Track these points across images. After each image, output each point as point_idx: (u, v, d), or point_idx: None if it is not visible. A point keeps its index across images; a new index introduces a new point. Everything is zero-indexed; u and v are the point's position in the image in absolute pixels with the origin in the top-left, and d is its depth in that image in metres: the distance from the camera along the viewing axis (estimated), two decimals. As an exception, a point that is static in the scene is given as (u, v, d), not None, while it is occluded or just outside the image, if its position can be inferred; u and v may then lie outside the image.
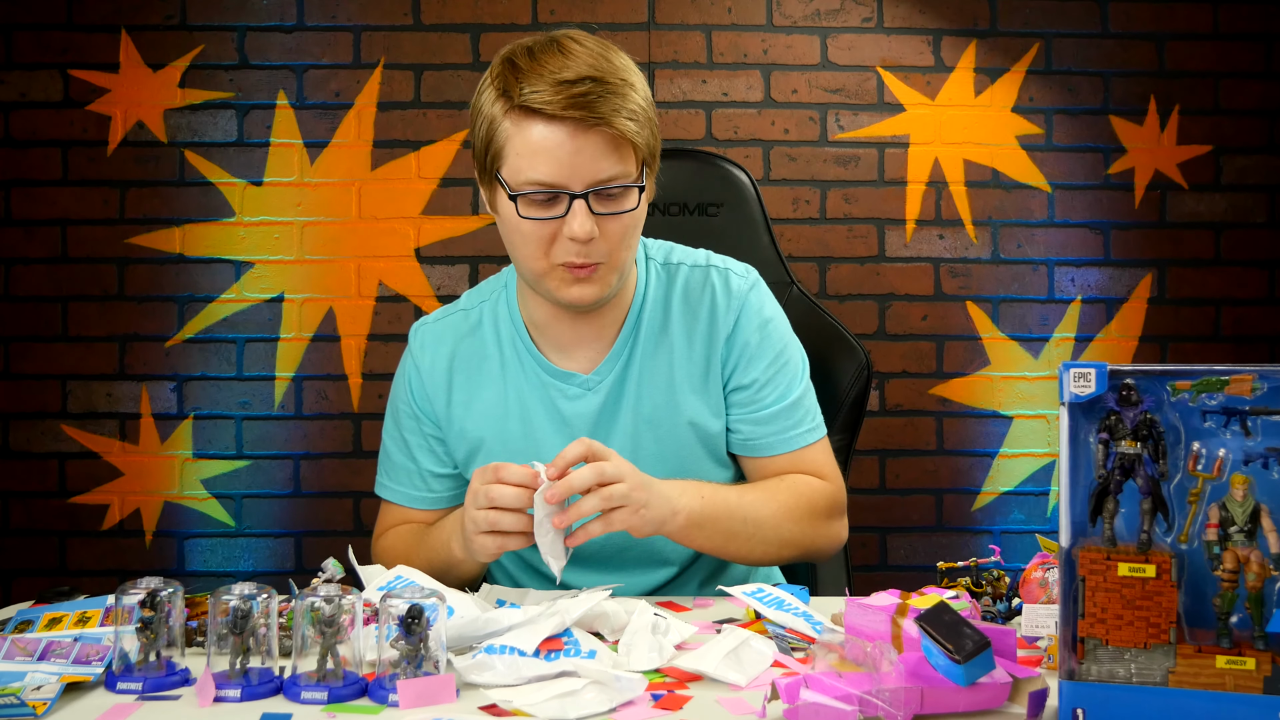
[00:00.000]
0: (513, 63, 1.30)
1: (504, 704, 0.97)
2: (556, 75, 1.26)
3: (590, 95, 1.25)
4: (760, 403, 1.45)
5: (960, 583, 1.25)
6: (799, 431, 1.46)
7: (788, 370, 1.46)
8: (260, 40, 2.68)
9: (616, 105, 1.26)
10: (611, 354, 1.44)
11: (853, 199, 2.72)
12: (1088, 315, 2.74)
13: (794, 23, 2.71)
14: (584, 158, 1.27)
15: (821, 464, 1.47)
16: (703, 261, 1.49)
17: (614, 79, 1.28)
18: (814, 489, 1.44)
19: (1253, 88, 2.73)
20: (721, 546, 1.38)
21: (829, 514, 1.46)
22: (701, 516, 1.33)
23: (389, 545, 1.49)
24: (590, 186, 1.28)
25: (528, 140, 1.27)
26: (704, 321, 1.45)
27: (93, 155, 2.67)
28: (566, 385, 1.44)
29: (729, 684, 1.03)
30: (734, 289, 1.46)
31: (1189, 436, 0.86)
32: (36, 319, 2.67)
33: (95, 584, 1.47)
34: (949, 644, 0.91)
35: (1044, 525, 2.72)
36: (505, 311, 1.48)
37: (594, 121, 1.25)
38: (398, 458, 1.50)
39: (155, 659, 1.04)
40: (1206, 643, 0.86)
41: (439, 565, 1.37)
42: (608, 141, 1.27)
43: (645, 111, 1.31)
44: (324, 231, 2.68)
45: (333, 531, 2.68)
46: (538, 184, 1.28)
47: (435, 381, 1.47)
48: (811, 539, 1.43)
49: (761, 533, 1.38)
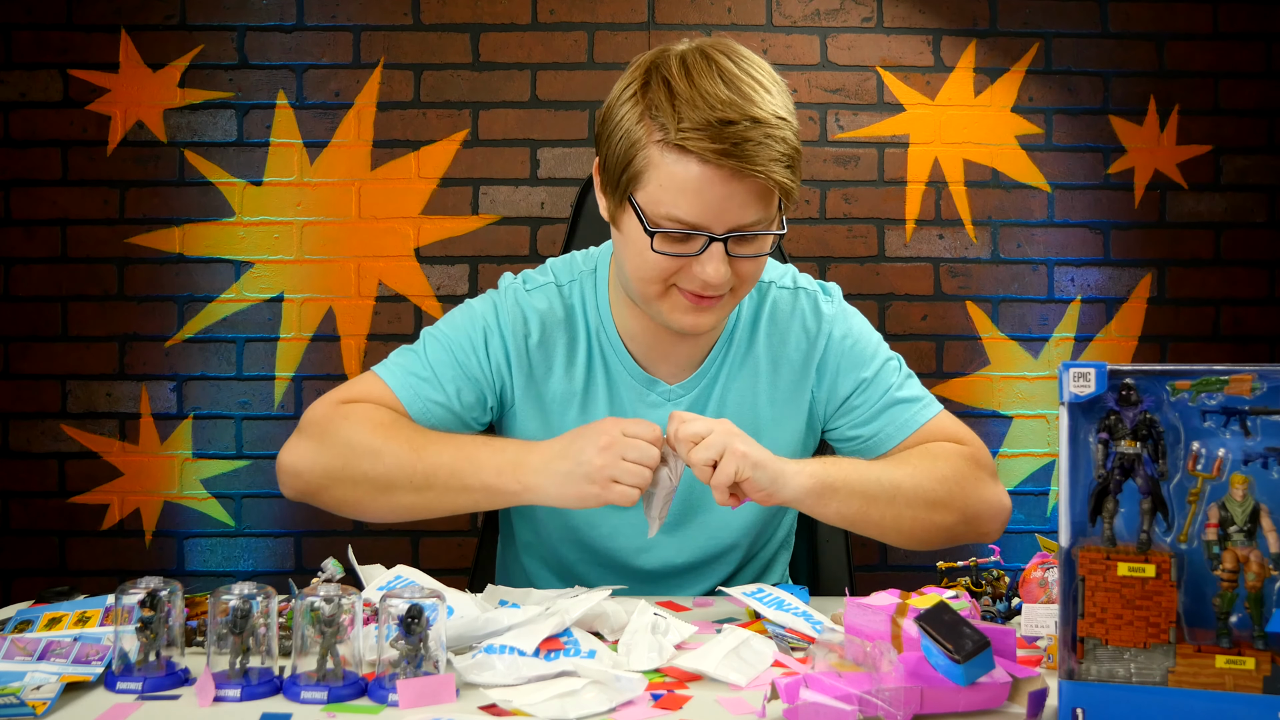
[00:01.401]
0: (667, 83, 1.21)
1: (504, 704, 0.97)
2: (714, 113, 1.17)
3: (749, 143, 1.17)
4: (860, 407, 1.43)
5: (960, 583, 1.25)
6: (912, 413, 1.42)
7: (883, 373, 1.44)
8: (260, 40, 2.68)
9: (774, 154, 1.19)
10: (700, 370, 1.43)
11: (853, 199, 2.72)
12: (1087, 315, 2.74)
13: (794, 23, 2.71)
14: (733, 204, 1.21)
15: (951, 429, 1.42)
16: (790, 284, 1.47)
17: (772, 119, 1.19)
18: (950, 449, 1.38)
19: (1253, 88, 2.73)
20: (862, 513, 1.29)
21: (977, 471, 1.37)
22: (832, 480, 1.27)
23: (371, 415, 1.32)
24: (732, 230, 1.22)
25: (674, 176, 1.20)
26: (792, 347, 1.44)
27: (93, 155, 2.67)
28: (649, 392, 1.42)
29: (729, 684, 1.03)
30: (823, 314, 1.45)
31: (1189, 436, 0.86)
32: (36, 319, 2.67)
33: (95, 584, 1.46)
34: (949, 644, 0.91)
35: (1044, 525, 2.72)
36: (594, 302, 1.43)
37: (749, 171, 1.18)
38: (422, 362, 1.39)
39: (155, 659, 1.04)
40: (1206, 642, 0.86)
41: (452, 478, 1.27)
42: (758, 189, 1.21)
43: (796, 154, 1.23)
44: (324, 231, 2.68)
45: (333, 531, 2.68)
46: (679, 222, 1.22)
47: (517, 345, 1.40)
48: (965, 498, 1.34)
49: (903, 493, 1.30)
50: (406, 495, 1.28)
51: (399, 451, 1.28)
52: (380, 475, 1.28)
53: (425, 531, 2.68)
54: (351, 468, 1.30)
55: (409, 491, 1.28)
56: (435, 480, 1.27)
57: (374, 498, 1.30)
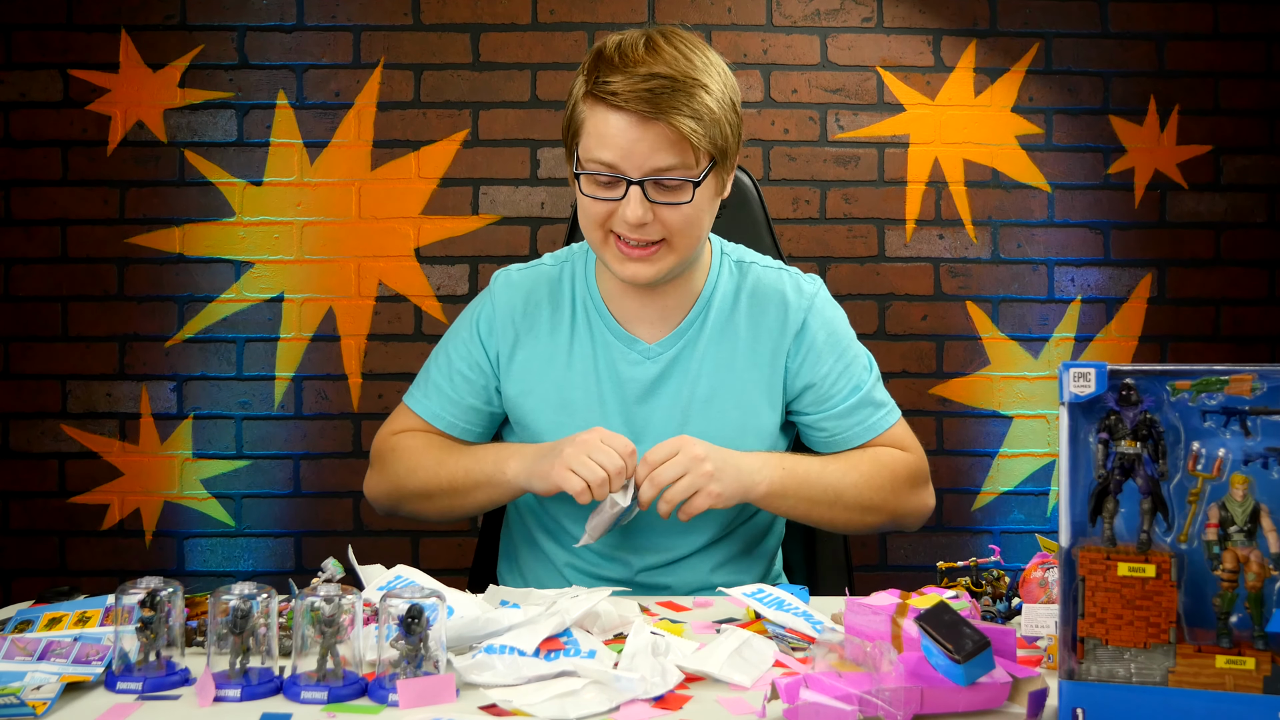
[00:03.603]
0: (602, 53, 1.40)
1: (504, 704, 0.97)
2: (630, 69, 1.35)
3: (657, 91, 1.34)
4: (835, 398, 1.54)
5: (960, 583, 1.25)
6: (877, 418, 1.55)
7: (856, 364, 1.56)
8: (260, 40, 2.68)
9: (680, 103, 1.35)
10: (677, 331, 1.53)
11: (853, 199, 2.72)
12: (1087, 315, 2.74)
13: (794, 23, 2.71)
14: (643, 147, 1.36)
15: (900, 438, 1.56)
16: (775, 265, 1.59)
17: (686, 79, 1.36)
18: (895, 458, 1.54)
19: (1253, 88, 2.73)
20: (806, 513, 1.49)
21: (911, 482, 1.55)
22: (783, 487, 1.45)
23: (407, 443, 1.56)
24: (647, 175, 1.37)
25: (597, 124, 1.38)
26: (772, 317, 1.54)
27: (93, 155, 2.67)
28: (628, 350, 1.53)
29: (731, 684, 1.03)
30: (804, 290, 1.56)
31: (1189, 436, 0.86)
32: (36, 319, 2.67)
33: (95, 584, 1.47)
34: (949, 644, 0.91)
35: (1044, 525, 2.72)
36: (583, 273, 1.57)
37: (655, 116, 1.34)
38: (438, 379, 1.58)
39: (155, 659, 1.04)
40: (1206, 642, 0.86)
41: (465, 477, 1.49)
42: (668, 135, 1.36)
43: (713, 113, 1.37)
44: (324, 231, 2.68)
45: (333, 531, 2.68)
46: (601, 164, 1.38)
47: (505, 323, 1.55)
48: (895, 505, 1.53)
49: (844, 499, 1.48)
50: (443, 499, 1.52)
51: (429, 467, 1.53)
52: (421, 488, 1.53)
53: (425, 531, 2.68)
54: (403, 488, 1.55)
55: (443, 496, 1.52)
56: (457, 484, 1.50)
57: (425, 505, 1.55)
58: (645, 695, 0.99)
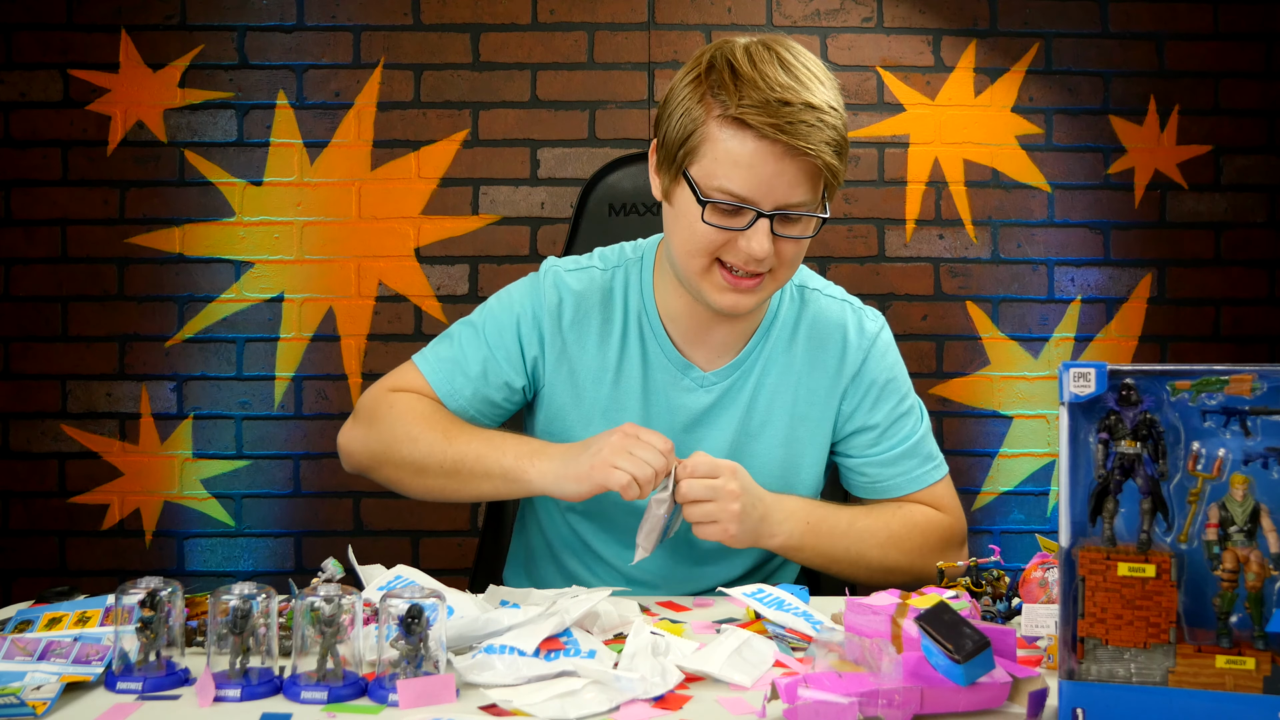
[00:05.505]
0: (731, 66, 1.28)
1: (504, 704, 0.97)
2: (773, 93, 1.25)
3: (803, 124, 1.25)
4: (885, 445, 1.48)
5: (960, 583, 1.25)
6: (923, 471, 1.49)
7: (910, 414, 1.50)
8: (260, 40, 2.68)
9: (825, 138, 1.27)
10: (736, 360, 1.47)
11: (853, 199, 2.72)
12: (1087, 315, 2.74)
13: (794, 23, 2.71)
14: (782, 181, 1.27)
15: (941, 497, 1.50)
16: (838, 295, 1.52)
17: (825, 107, 1.27)
18: (930, 520, 1.47)
19: (1253, 88, 2.73)
20: (824, 566, 1.43)
21: (944, 545, 1.48)
22: (801, 542, 1.38)
23: (411, 405, 1.44)
24: (779, 208, 1.29)
25: (730, 150, 1.27)
26: (831, 354, 1.48)
27: (93, 155, 2.67)
28: (682, 376, 1.46)
29: (731, 684, 1.03)
30: (866, 329, 1.50)
31: (1189, 436, 0.86)
32: (36, 319, 2.67)
33: (95, 584, 1.46)
34: (949, 644, 0.91)
35: (1044, 525, 2.72)
36: (638, 285, 1.48)
37: (802, 150, 1.25)
38: (462, 357, 1.46)
39: (155, 659, 1.04)
40: (1206, 642, 0.86)
41: (476, 463, 1.37)
42: (807, 169, 1.28)
43: (844, 144, 1.31)
44: (324, 231, 2.68)
45: (333, 531, 2.68)
46: (729, 195, 1.28)
47: (553, 328, 1.45)
48: (921, 568, 1.44)
49: (865, 559, 1.42)
50: (438, 479, 1.40)
51: (433, 439, 1.39)
52: (416, 459, 1.40)
53: (425, 531, 2.68)
54: (392, 451, 1.42)
55: (440, 475, 1.39)
56: (462, 466, 1.38)
57: (411, 479, 1.42)
58: (645, 695, 0.99)
